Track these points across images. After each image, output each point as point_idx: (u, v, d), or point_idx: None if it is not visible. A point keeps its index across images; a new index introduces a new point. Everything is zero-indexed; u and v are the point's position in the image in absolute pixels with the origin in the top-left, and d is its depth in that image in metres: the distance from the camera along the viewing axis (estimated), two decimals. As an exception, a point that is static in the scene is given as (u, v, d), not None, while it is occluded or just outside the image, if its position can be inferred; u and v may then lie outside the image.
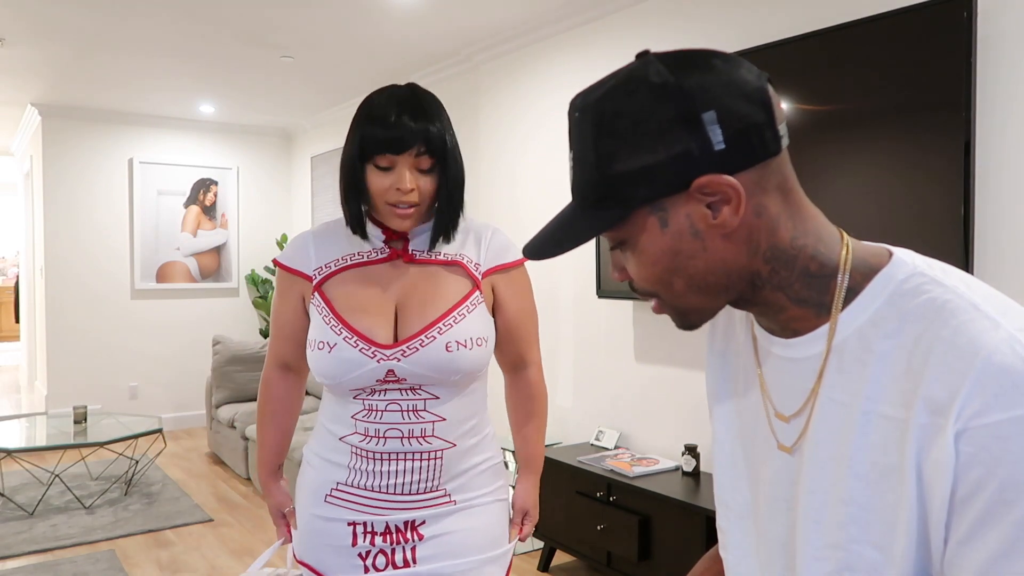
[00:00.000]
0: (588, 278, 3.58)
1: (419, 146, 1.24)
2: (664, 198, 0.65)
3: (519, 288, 1.41)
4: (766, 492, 0.74)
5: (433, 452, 1.30)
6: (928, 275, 0.64)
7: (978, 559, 0.56)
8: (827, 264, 0.67)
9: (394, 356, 1.26)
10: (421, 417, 1.30)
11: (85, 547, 3.53)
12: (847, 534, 0.64)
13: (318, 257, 1.36)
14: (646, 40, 3.25)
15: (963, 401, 0.57)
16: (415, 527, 1.32)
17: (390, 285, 1.33)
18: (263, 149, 6.61)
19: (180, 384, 6.20)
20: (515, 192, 4.01)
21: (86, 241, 5.82)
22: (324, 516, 1.34)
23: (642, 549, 2.70)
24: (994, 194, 2.17)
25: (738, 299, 0.70)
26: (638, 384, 3.32)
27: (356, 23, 3.80)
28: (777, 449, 0.72)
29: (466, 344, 1.29)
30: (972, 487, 0.56)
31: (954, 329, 0.59)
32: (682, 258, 0.67)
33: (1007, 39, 2.13)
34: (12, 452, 3.94)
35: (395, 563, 1.31)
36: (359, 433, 1.30)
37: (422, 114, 1.26)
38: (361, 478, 1.31)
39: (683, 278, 0.68)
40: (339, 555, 1.33)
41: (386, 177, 1.25)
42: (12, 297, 10.72)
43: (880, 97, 2.29)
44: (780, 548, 0.72)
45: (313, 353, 1.30)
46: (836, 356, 0.67)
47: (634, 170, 0.65)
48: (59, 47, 4.21)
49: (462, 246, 1.37)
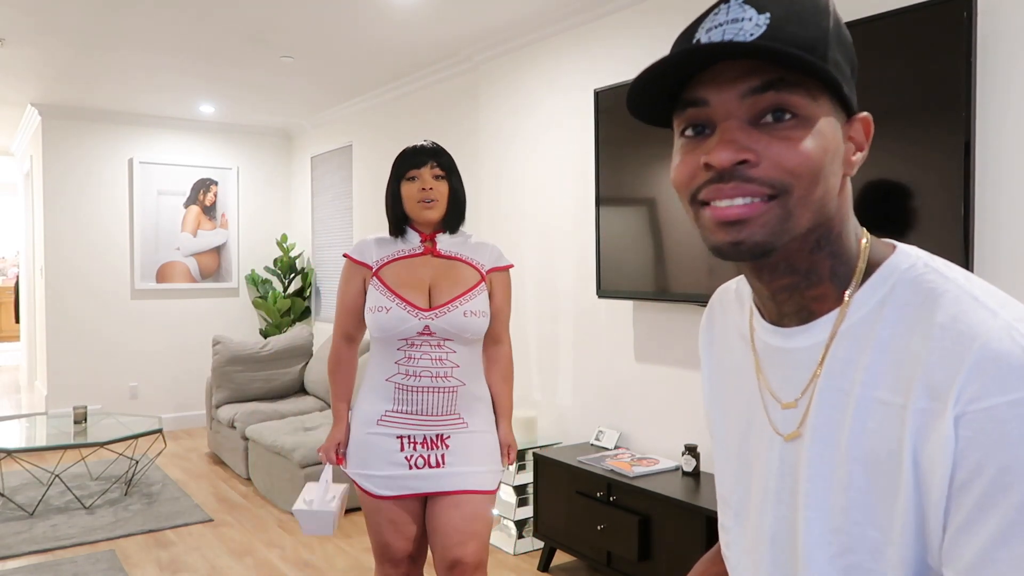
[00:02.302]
0: (588, 278, 3.58)
1: (432, 162, 1.97)
2: (841, 109, 0.66)
3: (505, 285, 2.07)
4: (759, 486, 0.74)
5: (450, 387, 1.95)
6: (931, 266, 0.65)
7: (977, 543, 0.57)
8: (856, 249, 0.69)
9: (429, 316, 1.92)
10: (444, 362, 1.94)
11: (85, 547, 3.53)
12: (849, 518, 0.65)
13: (377, 253, 2.01)
14: (646, 40, 3.25)
15: (961, 385, 0.57)
16: (443, 439, 1.94)
17: (424, 271, 1.98)
18: (263, 149, 6.61)
19: (180, 384, 6.20)
20: (516, 191, 4.01)
21: (86, 241, 5.82)
22: (378, 433, 1.95)
23: (642, 549, 2.70)
24: (994, 194, 2.17)
25: (797, 256, 0.67)
26: (638, 384, 3.32)
27: (356, 23, 3.80)
28: (775, 440, 0.72)
29: (476, 313, 1.95)
30: (971, 471, 0.57)
31: (953, 316, 0.60)
32: (832, 168, 0.64)
33: (1007, 39, 2.13)
34: (12, 452, 3.94)
35: (430, 464, 1.94)
36: (400, 373, 1.94)
37: (434, 149, 2.00)
38: (403, 406, 1.94)
39: (824, 186, 0.64)
40: (389, 459, 1.94)
41: (413, 184, 1.96)
42: (12, 297, 10.72)
43: (880, 97, 2.29)
44: (768, 543, 0.72)
45: (373, 315, 1.94)
46: (839, 343, 0.67)
47: (844, 68, 0.65)
48: (59, 47, 4.21)
49: (474, 253, 2.03)
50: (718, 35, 0.63)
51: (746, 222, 0.63)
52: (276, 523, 3.88)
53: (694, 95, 0.64)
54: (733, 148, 0.62)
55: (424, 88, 4.85)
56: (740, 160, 0.62)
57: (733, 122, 0.62)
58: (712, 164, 0.62)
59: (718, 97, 0.63)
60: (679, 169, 0.66)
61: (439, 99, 4.73)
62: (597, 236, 3.32)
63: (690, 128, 0.66)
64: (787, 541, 0.71)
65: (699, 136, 0.65)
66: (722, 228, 0.64)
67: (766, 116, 0.62)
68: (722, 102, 0.63)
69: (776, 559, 0.72)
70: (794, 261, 0.67)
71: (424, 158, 1.96)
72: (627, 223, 3.18)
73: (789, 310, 0.71)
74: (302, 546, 3.56)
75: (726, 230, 0.63)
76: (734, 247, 0.64)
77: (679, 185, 0.67)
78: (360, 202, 5.65)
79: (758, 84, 0.61)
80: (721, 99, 0.63)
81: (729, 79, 0.62)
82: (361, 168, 5.62)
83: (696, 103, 0.64)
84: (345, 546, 3.56)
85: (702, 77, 0.64)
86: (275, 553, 3.48)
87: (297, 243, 6.64)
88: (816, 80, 0.62)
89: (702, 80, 0.64)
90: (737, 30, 0.62)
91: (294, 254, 6.65)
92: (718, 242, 0.64)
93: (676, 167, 0.67)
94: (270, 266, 6.59)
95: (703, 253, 2.85)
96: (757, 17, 0.62)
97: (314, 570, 3.28)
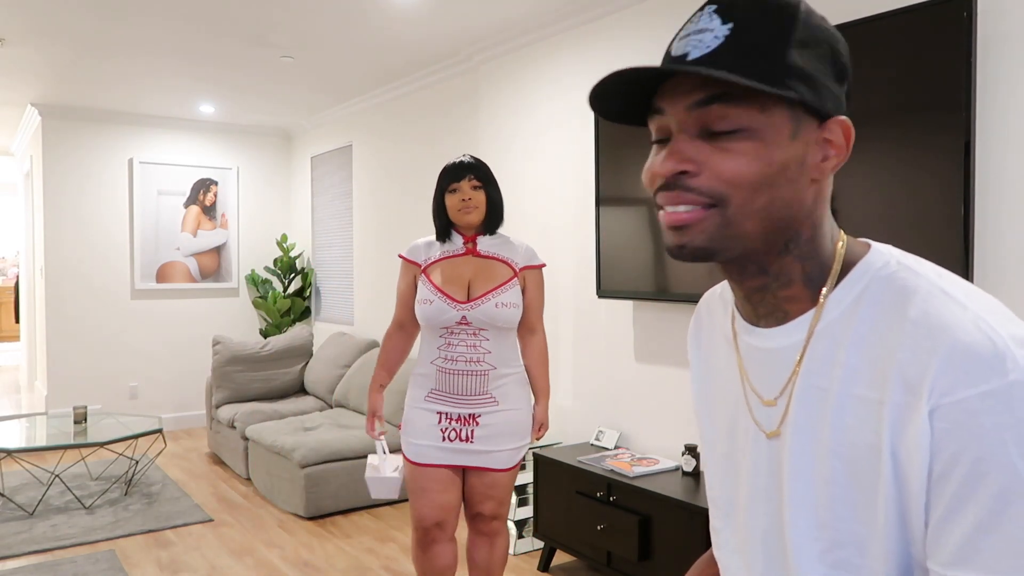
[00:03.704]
0: (588, 278, 3.58)
1: (470, 175, 2.27)
2: (806, 114, 0.66)
3: (538, 282, 2.37)
4: (747, 485, 0.75)
5: (483, 371, 2.25)
6: (903, 263, 0.67)
7: (958, 534, 0.58)
8: (831, 248, 0.70)
9: (466, 308, 2.22)
10: (478, 348, 2.24)
11: (85, 547, 3.53)
12: (833, 513, 0.66)
13: (425, 253, 2.33)
14: (646, 40, 3.25)
15: (934, 379, 0.59)
16: (475, 418, 2.25)
17: (466, 269, 2.27)
18: (263, 149, 6.61)
19: (180, 384, 6.20)
20: (516, 191, 4.01)
21: (86, 241, 5.82)
22: (424, 408, 2.28)
23: (642, 549, 2.70)
24: (994, 194, 2.17)
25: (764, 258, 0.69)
26: (638, 384, 3.32)
27: (356, 23, 3.80)
28: (759, 438, 0.74)
29: (507, 305, 2.24)
30: (947, 463, 0.58)
31: (924, 311, 0.62)
32: (783, 178, 0.65)
33: (1007, 39, 2.13)
34: (12, 452, 3.94)
35: (461, 438, 2.25)
36: (441, 358, 2.25)
37: (471, 163, 2.30)
38: (442, 385, 2.26)
39: (767, 197, 0.65)
40: (428, 431, 2.27)
41: (455, 196, 2.27)
42: (12, 297, 10.72)
43: (880, 97, 2.29)
44: (759, 542, 0.73)
45: (419, 307, 2.26)
46: (816, 342, 0.69)
47: (809, 71, 0.65)
48: (59, 47, 4.21)
49: (510, 252, 2.32)
50: (681, 47, 0.67)
51: (688, 227, 0.67)
52: (276, 523, 3.88)
53: (656, 104, 0.69)
54: (675, 159, 0.66)
55: (424, 88, 4.85)
56: (680, 171, 0.66)
57: (683, 134, 0.66)
58: (657, 173, 0.68)
59: (672, 108, 0.67)
60: (645, 172, 0.71)
61: (439, 99, 4.73)
62: (597, 236, 3.32)
63: (656, 134, 0.70)
64: (774, 539, 0.72)
65: (661, 143, 0.69)
66: (670, 231, 0.68)
67: (717, 127, 0.65)
68: (675, 112, 0.67)
69: (769, 557, 0.73)
70: (763, 263, 0.70)
71: (463, 172, 2.26)
72: (627, 223, 3.18)
73: (764, 311, 0.73)
74: (302, 546, 3.57)
75: (673, 233, 0.68)
76: (679, 249, 0.68)
77: (645, 186, 0.71)
78: (360, 202, 5.65)
79: (702, 98, 0.65)
80: (674, 110, 0.67)
81: (681, 92, 0.66)
82: (361, 168, 5.62)
83: (658, 111, 0.69)
84: (345, 546, 3.56)
85: (663, 88, 0.68)
86: (275, 553, 3.48)
87: (297, 243, 6.64)
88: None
89: (663, 91, 0.68)
90: (698, 42, 0.65)
91: (294, 254, 6.65)
92: (668, 243, 0.70)
93: (644, 170, 0.71)
94: (270, 266, 6.59)
95: (703, 253, 2.85)
96: (720, 28, 0.65)
97: (314, 570, 3.28)
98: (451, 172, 2.28)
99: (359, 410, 4.71)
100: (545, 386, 2.39)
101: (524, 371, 2.36)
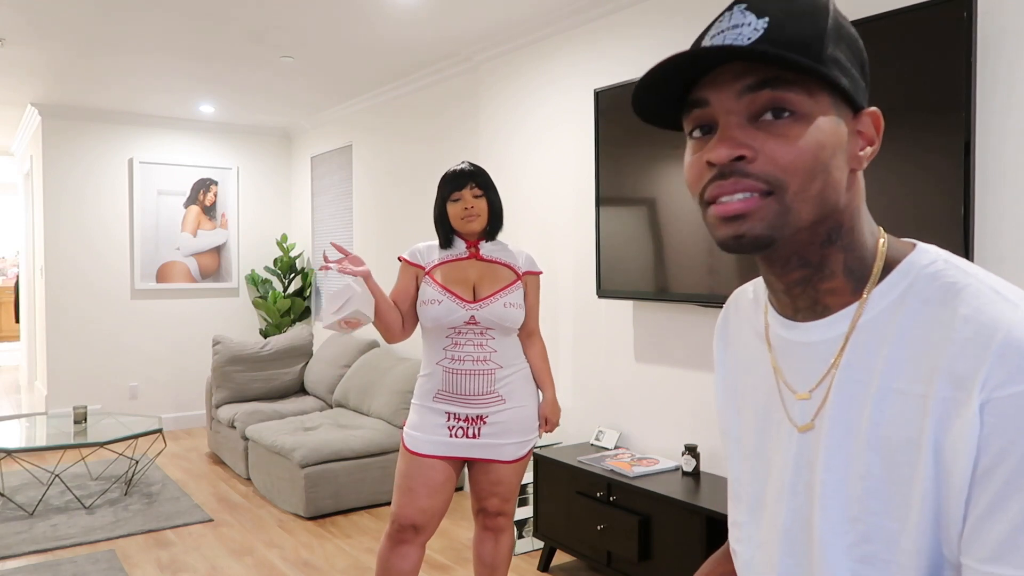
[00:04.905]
0: (588, 278, 3.58)
1: (472, 183, 2.29)
2: (844, 104, 0.67)
3: (536, 287, 2.42)
4: (775, 480, 0.75)
5: (489, 370, 2.28)
6: (951, 262, 0.67)
7: (1000, 529, 0.58)
8: (872, 244, 0.71)
9: (475, 307, 2.26)
10: (484, 348, 2.28)
11: (85, 547, 3.53)
12: (865, 507, 0.66)
13: (427, 256, 2.35)
14: (646, 40, 3.25)
15: (987, 374, 0.59)
16: (482, 418, 2.28)
17: (470, 272, 2.32)
18: (263, 149, 6.61)
19: (180, 384, 6.20)
20: (516, 191, 4.01)
21: (86, 241, 5.82)
22: (432, 408, 2.29)
23: (642, 549, 2.70)
24: (994, 194, 2.17)
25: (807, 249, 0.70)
26: (638, 384, 3.32)
27: (356, 23, 3.80)
28: (791, 432, 0.74)
29: (514, 305, 2.29)
30: (995, 458, 0.58)
31: (975, 308, 0.62)
32: (833, 163, 0.66)
33: (1007, 39, 2.13)
34: (12, 452, 3.94)
35: (468, 435, 2.27)
36: (447, 358, 2.28)
37: (472, 171, 2.32)
38: (449, 386, 2.28)
39: (821, 182, 0.66)
40: (437, 428, 2.28)
41: (457, 204, 2.30)
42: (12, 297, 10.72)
43: (880, 97, 2.29)
44: (782, 536, 0.73)
45: (426, 307, 2.27)
46: (858, 335, 0.69)
47: (844, 64, 0.67)
48: (59, 47, 4.21)
49: (511, 257, 2.37)
50: (719, 41, 0.67)
51: (746, 216, 0.66)
52: (276, 523, 3.88)
53: (697, 96, 0.68)
54: (730, 144, 0.65)
55: (424, 88, 4.85)
56: (738, 156, 0.65)
57: (732, 119, 0.66)
58: (712, 161, 0.66)
59: (717, 96, 0.66)
60: (689, 169, 0.70)
61: (439, 99, 4.73)
62: (597, 236, 3.32)
63: (697, 129, 0.70)
64: (801, 533, 0.72)
65: (705, 136, 0.69)
66: (724, 223, 0.67)
67: (766, 114, 0.65)
68: (720, 101, 0.66)
69: (790, 551, 0.73)
70: (805, 254, 0.70)
71: (465, 180, 2.29)
72: (627, 223, 3.18)
73: (803, 304, 0.73)
74: (302, 546, 3.56)
75: (728, 224, 0.67)
76: (736, 240, 0.67)
77: (690, 184, 0.70)
78: (360, 202, 5.65)
79: (752, 82, 0.65)
80: (720, 98, 0.66)
81: (727, 79, 0.66)
82: (361, 168, 5.62)
83: (699, 104, 0.68)
84: (345, 546, 3.56)
85: (704, 80, 0.68)
86: (275, 553, 3.48)
87: (297, 243, 6.64)
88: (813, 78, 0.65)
89: (704, 83, 0.68)
90: (736, 35, 0.66)
91: (294, 254, 6.65)
92: (722, 236, 0.68)
93: (687, 167, 0.71)
94: (270, 266, 6.59)
95: (703, 253, 2.85)
96: (756, 22, 0.66)
97: (314, 570, 3.28)
98: (452, 181, 2.30)
99: (359, 410, 4.71)
100: (549, 380, 2.43)
101: (528, 367, 2.39)
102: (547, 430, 2.42)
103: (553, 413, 2.43)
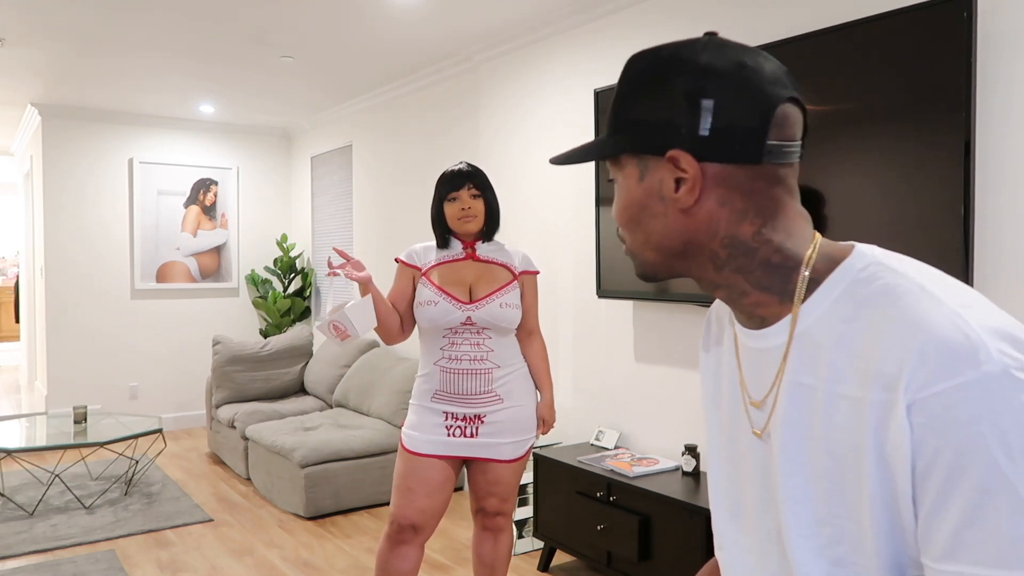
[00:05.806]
0: (588, 278, 3.58)
1: (469, 184, 2.29)
2: (647, 155, 0.72)
3: (534, 287, 2.41)
4: (753, 485, 0.76)
5: (486, 370, 2.28)
6: (884, 263, 0.67)
7: (945, 530, 0.58)
8: (791, 257, 0.71)
9: (471, 308, 2.25)
10: (482, 348, 2.28)
11: (85, 547, 3.53)
12: (830, 510, 0.67)
13: (424, 257, 2.34)
14: (646, 40, 3.25)
15: (910, 374, 0.59)
16: (480, 417, 2.28)
17: (467, 272, 2.31)
18: (263, 149, 6.61)
19: (180, 384, 6.20)
20: (516, 191, 4.01)
21: (86, 241, 5.82)
22: (430, 408, 2.29)
23: (642, 549, 2.70)
24: (994, 194, 2.17)
25: (702, 274, 0.75)
26: (638, 384, 3.32)
27: (356, 23, 3.80)
28: (753, 439, 0.75)
29: (510, 305, 2.29)
30: (929, 458, 0.58)
31: (902, 309, 0.63)
32: (646, 214, 0.73)
33: (1007, 39, 2.13)
34: (12, 452, 3.94)
35: (465, 434, 2.27)
36: (445, 358, 2.27)
37: (470, 171, 2.31)
38: (447, 386, 2.27)
39: (643, 232, 0.75)
40: (435, 427, 2.28)
41: (454, 204, 2.29)
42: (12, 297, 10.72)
43: (880, 97, 2.29)
44: (773, 539, 0.74)
45: (422, 309, 2.26)
46: (799, 342, 0.70)
47: (633, 118, 0.73)
48: (59, 47, 4.21)
49: (508, 258, 2.36)
50: None
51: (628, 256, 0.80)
52: (276, 523, 3.88)
53: None
54: None
55: (424, 88, 4.85)
56: None
57: None
58: None
59: None
60: None
61: (439, 99, 4.73)
62: (597, 236, 3.32)
63: None
64: (777, 537, 0.73)
65: None
66: None
67: None
68: None
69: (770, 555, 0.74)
70: (705, 279, 0.75)
71: (462, 180, 2.28)
72: (627, 223, 3.18)
73: (742, 317, 0.76)
74: (302, 546, 3.57)
75: None
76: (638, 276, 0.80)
77: None
78: (360, 202, 5.65)
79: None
80: None
81: None
82: (361, 168, 5.62)
83: None
84: (345, 546, 3.56)
85: None
86: (275, 553, 3.48)
87: (297, 243, 6.64)
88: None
89: None
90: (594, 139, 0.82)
91: (294, 254, 6.65)
92: None
93: None
94: (270, 266, 6.59)
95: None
96: None
97: (314, 570, 3.28)
98: (449, 181, 2.30)
99: (359, 410, 4.71)
100: (548, 381, 2.43)
101: (526, 367, 2.39)
102: (543, 432, 2.42)
103: (549, 415, 2.42)
